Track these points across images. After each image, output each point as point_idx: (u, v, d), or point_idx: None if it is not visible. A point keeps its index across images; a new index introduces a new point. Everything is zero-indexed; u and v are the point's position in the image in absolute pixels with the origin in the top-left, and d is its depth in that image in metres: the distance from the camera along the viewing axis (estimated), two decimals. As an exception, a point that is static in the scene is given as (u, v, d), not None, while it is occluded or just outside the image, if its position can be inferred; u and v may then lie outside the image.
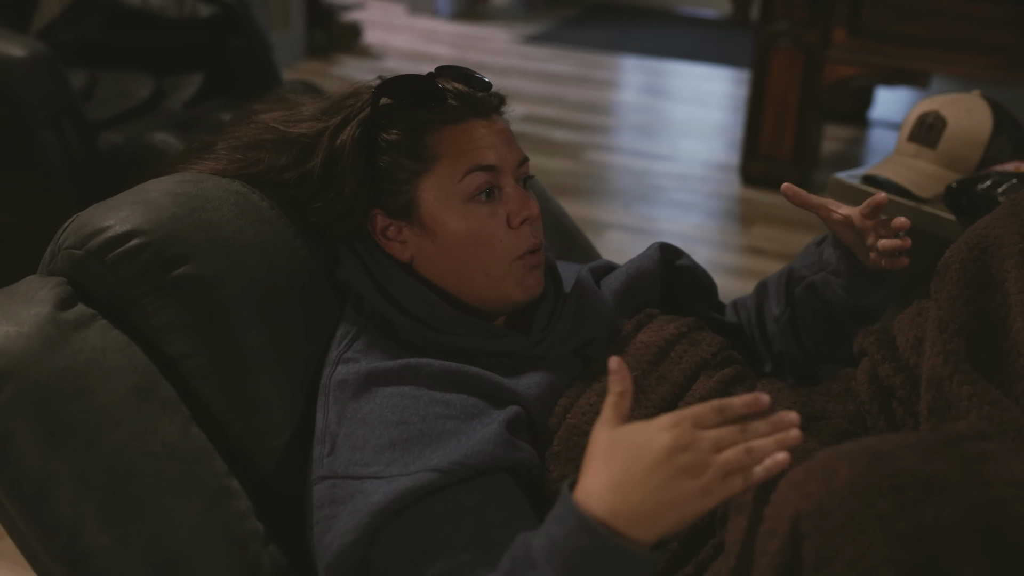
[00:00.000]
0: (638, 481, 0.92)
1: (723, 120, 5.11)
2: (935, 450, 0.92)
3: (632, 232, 3.82)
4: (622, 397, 0.98)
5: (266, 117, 1.36)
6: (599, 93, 5.52)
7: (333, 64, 5.68)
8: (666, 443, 0.93)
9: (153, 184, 1.28)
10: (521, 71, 5.79)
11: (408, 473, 1.10)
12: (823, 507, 0.90)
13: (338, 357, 1.24)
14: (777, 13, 4.04)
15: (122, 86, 3.03)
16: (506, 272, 1.27)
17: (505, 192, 1.28)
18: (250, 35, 3.03)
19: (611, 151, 4.66)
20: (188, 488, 1.11)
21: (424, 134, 1.26)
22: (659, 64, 6.16)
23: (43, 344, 1.11)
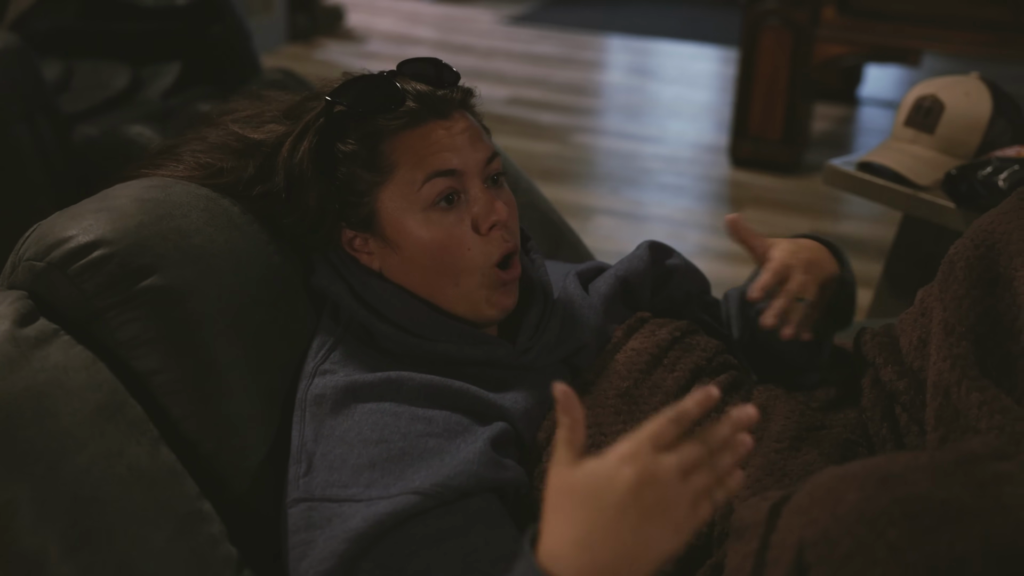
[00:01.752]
0: (605, 532, 0.84)
1: (712, 100, 5.04)
2: (948, 472, 0.86)
3: (621, 217, 3.76)
4: (573, 430, 0.87)
5: (230, 118, 1.30)
6: (585, 74, 5.45)
7: (316, 48, 5.60)
8: (629, 480, 0.83)
9: (119, 190, 1.22)
10: (505, 53, 5.71)
11: (388, 496, 1.05)
12: (829, 535, 0.84)
13: (315, 369, 1.18)
14: (766, -8, 3.98)
15: (99, 76, 2.95)
16: (478, 283, 1.21)
17: (471, 195, 1.21)
18: (228, 23, 2.96)
19: (598, 134, 4.60)
20: (156, 514, 1.05)
21: (380, 142, 1.20)
22: (646, 44, 6.09)
23: (1, 364, 1.04)
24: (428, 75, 1.25)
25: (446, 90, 1.23)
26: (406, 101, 1.20)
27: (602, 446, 1.17)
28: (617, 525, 0.83)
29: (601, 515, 0.84)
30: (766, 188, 4.00)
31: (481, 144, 1.23)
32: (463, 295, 1.21)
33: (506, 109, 4.80)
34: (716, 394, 0.86)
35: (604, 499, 0.84)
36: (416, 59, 1.26)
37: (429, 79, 1.24)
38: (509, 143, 4.36)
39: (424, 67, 1.25)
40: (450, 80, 1.25)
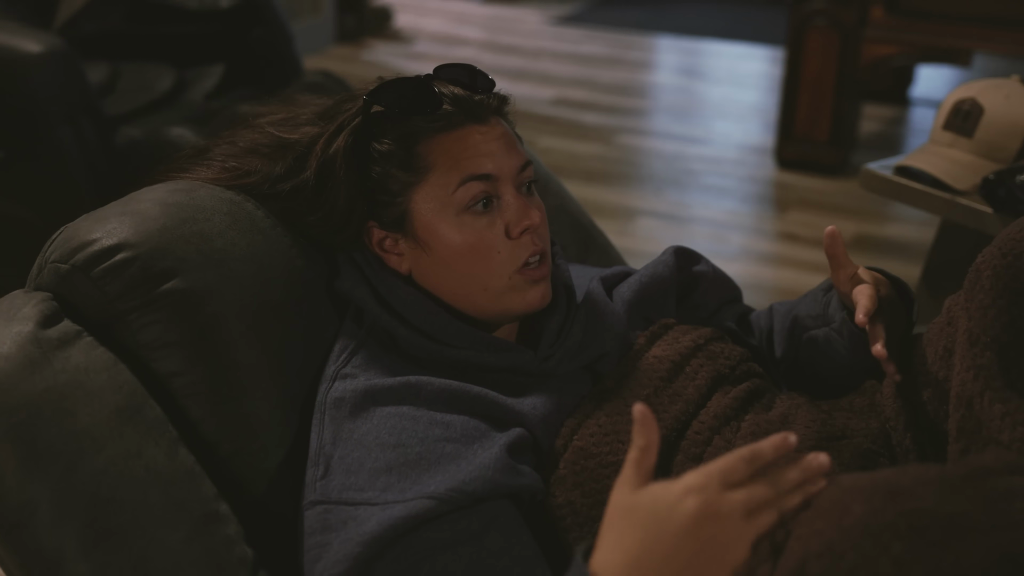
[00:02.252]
0: (659, 560, 0.86)
1: (759, 101, 5.01)
2: (957, 487, 0.85)
3: (663, 218, 3.75)
4: (645, 453, 0.89)
5: (265, 121, 1.31)
6: (632, 75, 5.44)
7: (363, 49, 5.63)
8: (691, 512, 0.86)
9: (144, 193, 1.24)
10: (552, 53, 5.71)
11: (404, 500, 1.05)
12: (834, 547, 0.84)
13: (335, 373, 1.19)
14: (812, -8, 3.94)
15: (144, 78, 2.99)
16: (506, 286, 1.21)
17: (504, 201, 1.21)
18: (270, 25, 2.99)
19: (643, 134, 4.58)
20: (172, 514, 1.06)
21: (416, 143, 1.20)
22: (694, 44, 6.06)
23: (23, 365, 1.06)
24: (464, 80, 1.25)
25: (483, 95, 1.23)
26: (443, 104, 1.21)
27: (620, 454, 1.17)
28: (672, 554, 0.85)
29: (658, 542, 0.86)
30: (812, 190, 3.97)
31: (515, 151, 1.24)
32: (493, 297, 1.22)
33: (551, 110, 4.80)
34: (793, 441, 0.87)
35: (663, 526, 0.86)
36: (452, 64, 1.27)
37: (465, 84, 1.24)
38: (553, 144, 4.36)
39: (460, 73, 1.26)
40: (485, 86, 1.25)
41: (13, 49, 2.42)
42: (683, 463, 1.18)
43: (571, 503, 1.15)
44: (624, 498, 0.90)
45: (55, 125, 2.43)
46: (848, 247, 3.61)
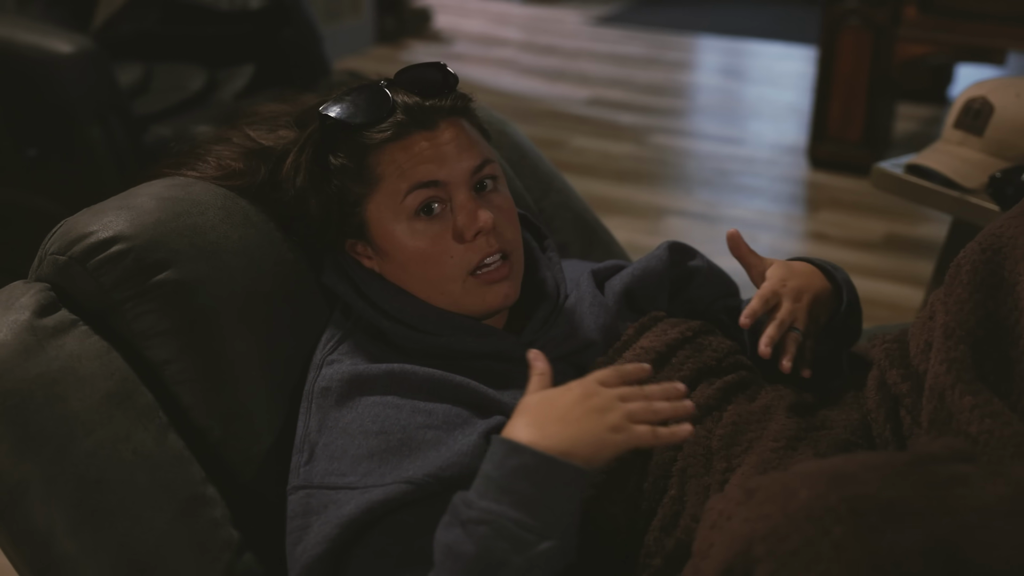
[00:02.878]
0: (553, 420, 1.03)
1: (795, 101, 5.00)
2: (901, 472, 0.87)
3: (692, 218, 3.76)
4: (543, 377, 1.09)
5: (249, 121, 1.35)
6: (669, 75, 5.44)
7: (402, 50, 5.68)
8: (576, 391, 1.05)
9: (142, 188, 1.28)
10: (590, 53, 5.73)
11: (382, 484, 1.09)
12: (778, 530, 0.86)
13: (322, 360, 1.23)
14: (845, -9, 3.94)
15: (176, 78, 3.06)
16: (462, 289, 1.24)
17: (456, 204, 1.23)
18: (299, 26, 3.04)
19: (677, 134, 4.59)
20: (158, 496, 1.10)
21: (367, 155, 1.23)
22: (733, 43, 6.06)
23: (18, 351, 1.11)
24: (425, 81, 1.26)
25: (435, 99, 1.25)
26: (395, 113, 1.23)
27: None
28: (564, 416, 1.03)
29: (550, 409, 1.04)
30: (844, 190, 3.96)
31: (469, 153, 1.24)
32: (450, 299, 1.25)
33: (586, 110, 4.82)
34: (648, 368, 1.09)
35: (555, 402, 1.05)
36: (415, 65, 1.28)
37: (424, 87, 1.25)
38: (586, 143, 4.39)
39: (423, 73, 1.27)
40: (448, 86, 1.27)
41: (46, 49, 2.49)
42: (662, 452, 1.20)
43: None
44: (525, 398, 1.08)
45: (85, 123, 2.49)
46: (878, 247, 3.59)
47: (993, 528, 0.84)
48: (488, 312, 1.26)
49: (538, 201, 1.71)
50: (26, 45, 2.49)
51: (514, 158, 1.71)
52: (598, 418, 1.03)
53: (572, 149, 4.34)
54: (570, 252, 1.73)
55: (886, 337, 1.34)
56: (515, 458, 1.00)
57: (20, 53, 2.48)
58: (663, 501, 1.17)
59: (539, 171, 1.74)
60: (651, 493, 1.18)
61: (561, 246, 1.73)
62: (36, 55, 2.48)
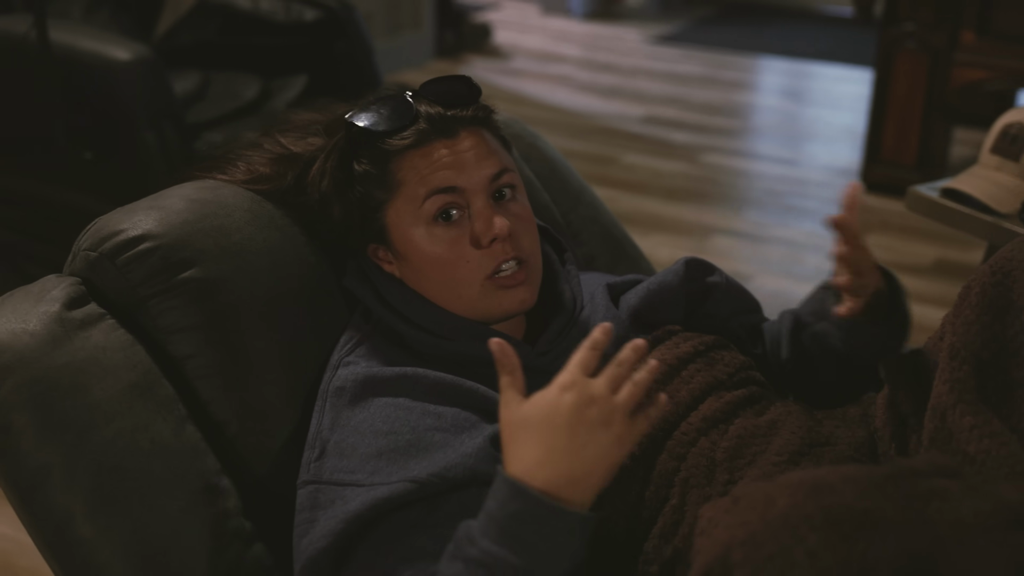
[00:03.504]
0: (561, 449, 1.00)
1: (851, 123, 4.98)
2: (879, 484, 0.89)
3: (739, 237, 3.76)
4: (514, 376, 1.05)
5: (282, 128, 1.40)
6: (725, 94, 5.45)
7: (461, 64, 5.74)
8: (571, 403, 1.01)
9: (174, 190, 1.34)
10: (647, 72, 5.75)
11: (387, 482, 1.12)
12: (756, 537, 0.88)
13: (339, 361, 1.27)
14: (902, 14, 3.92)
15: (232, 87, 3.13)
16: (479, 293, 1.27)
17: (473, 211, 1.27)
18: (353, 39, 3.10)
19: (730, 154, 4.60)
20: (172, 485, 1.15)
21: (388, 161, 1.27)
22: (791, 64, 6.05)
23: (46, 341, 1.16)
24: (449, 93, 1.30)
25: (457, 109, 1.29)
26: (417, 122, 1.27)
27: None
28: (569, 441, 1.00)
29: (554, 435, 1.01)
30: (895, 213, 3.94)
31: (488, 161, 1.28)
32: (468, 304, 1.28)
33: (640, 127, 4.84)
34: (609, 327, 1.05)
35: (554, 422, 1.01)
36: (441, 78, 1.33)
37: (448, 98, 1.30)
38: (638, 161, 4.41)
39: (447, 85, 1.31)
40: (470, 98, 1.31)
41: (104, 56, 2.56)
42: (666, 462, 1.23)
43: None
44: (513, 414, 1.04)
45: (139, 128, 2.56)
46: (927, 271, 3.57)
47: (967, 543, 0.86)
48: (504, 316, 1.29)
49: (566, 214, 1.74)
50: (86, 52, 2.57)
51: (543, 171, 1.75)
52: (602, 434, 1.00)
53: (623, 166, 4.37)
54: (596, 265, 1.76)
55: (901, 354, 1.35)
56: (519, 502, 1.00)
57: (80, 59, 2.56)
58: (664, 510, 1.20)
59: (568, 184, 1.78)
60: (652, 502, 1.20)
61: (588, 259, 1.76)
62: (95, 61, 2.56)
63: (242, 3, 3.25)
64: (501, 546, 1.00)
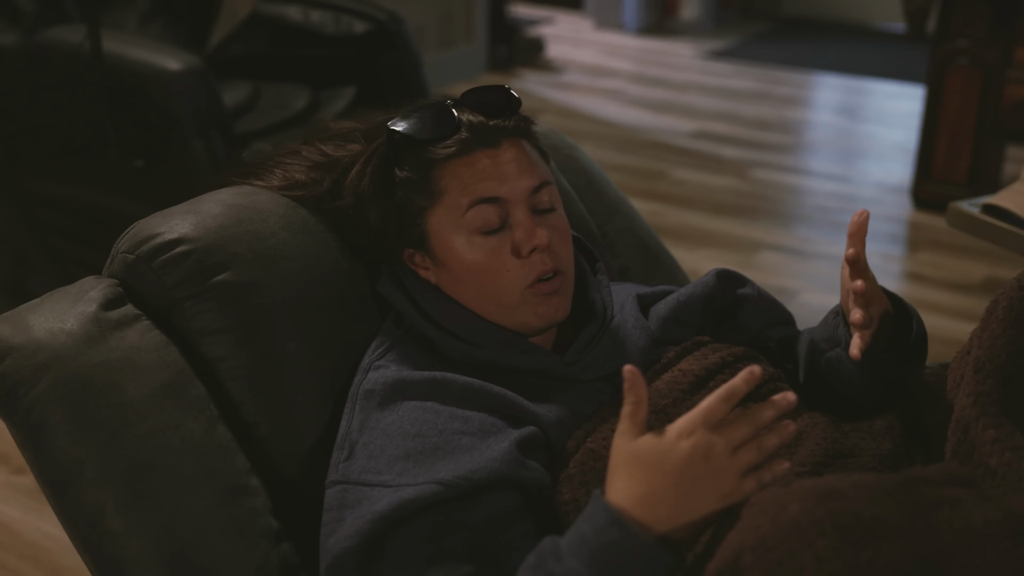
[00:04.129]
0: (664, 494, 1.00)
1: (903, 140, 4.95)
2: (889, 491, 0.90)
3: (786, 253, 3.75)
4: (637, 407, 1.04)
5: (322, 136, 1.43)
6: (777, 110, 5.43)
7: (514, 78, 5.78)
8: (684, 452, 1.00)
9: (211, 195, 1.37)
10: (699, 87, 5.75)
11: (415, 483, 1.14)
12: (766, 542, 0.89)
13: (369, 364, 1.29)
14: (954, 30, 3.90)
15: (281, 98, 3.18)
16: (518, 301, 1.28)
17: (514, 221, 1.28)
18: (401, 51, 3.13)
19: (780, 170, 4.59)
20: (202, 483, 1.18)
21: (431, 169, 1.29)
22: (846, 81, 6.02)
23: (82, 340, 1.20)
24: (490, 103, 1.33)
25: (499, 120, 1.31)
26: (459, 131, 1.29)
27: None
28: (674, 488, 1.00)
29: (661, 479, 1.01)
30: (945, 231, 3.91)
31: (529, 173, 1.30)
32: (505, 311, 1.30)
33: (690, 142, 4.84)
34: (759, 372, 0.99)
35: (664, 467, 1.01)
36: (482, 87, 1.35)
37: (489, 108, 1.32)
38: (687, 176, 4.41)
39: (488, 95, 1.34)
40: (511, 108, 1.33)
41: (156, 66, 2.62)
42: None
43: (576, 500, 1.21)
44: (626, 446, 1.04)
45: (189, 138, 2.61)
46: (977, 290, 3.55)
47: (975, 551, 0.86)
48: (541, 326, 1.31)
49: (602, 225, 1.75)
50: (138, 61, 2.62)
51: (580, 182, 1.76)
52: (711, 487, 1.00)
53: (672, 180, 4.37)
54: (631, 277, 1.77)
55: (927, 371, 1.35)
56: (616, 532, 1.01)
57: (132, 69, 2.62)
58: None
59: (605, 196, 1.79)
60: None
61: (623, 270, 1.77)
62: (146, 71, 2.61)
63: (293, 15, 3.30)
64: (590, 569, 1.01)
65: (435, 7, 5.36)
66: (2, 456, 2.55)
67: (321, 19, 3.20)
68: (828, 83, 6.04)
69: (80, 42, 2.59)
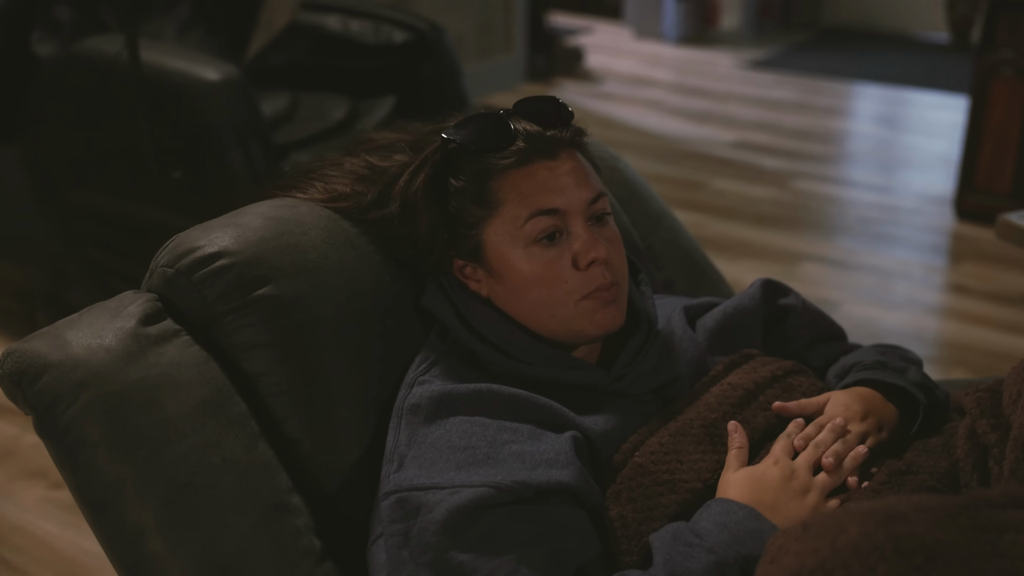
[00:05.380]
0: (765, 505, 1.15)
1: (946, 151, 4.89)
2: (952, 515, 0.86)
3: (828, 264, 3.70)
4: (741, 451, 1.22)
5: (367, 147, 1.40)
6: (818, 120, 5.38)
7: (552, 88, 5.76)
8: (778, 473, 1.19)
9: (251, 208, 1.34)
10: (739, 97, 5.70)
11: (471, 485, 1.11)
12: (825, 565, 0.86)
13: (414, 379, 1.26)
14: (999, 40, 3.85)
15: (320, 108, 3.16)
16: (574, 312, 1.26)
17: (572, 233, 1.26)
18: (440, 61, 3.11)
19: (821, 180, 4.54)
20: (243, 502, 1.15)
21: (488, 179, 1.27)
22: (887, 91, 5.95)
23: (121, 356, 1.17)
24: (543, 113, 1.30)
25: (555, 130, 1.29)
26: (516, 141, 1.27)
27: (676, 473, 1.20)
28: (774, 500, 1.16)
29: (763, 493, 1.17)
30: (989, 243, 3.85)
31: (586, 185, 1.28)
32: (561, 323, 1.27)
33: (730, 152, 4.80)
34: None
35: (763, 484, 1.18)
36: (533, 98, 1.33)
37: (543, 118, 1.30)
38: (727, 186, 4.37)
39: (540, 106, 1.31)
40: (564, 119, 1.31)
41: (194, 76, 2.61)
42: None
43: (623, 517, 1.18)
44: (730, 474, 1.20)
45: (227, 148, 2.60)
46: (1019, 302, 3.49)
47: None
48: (597, 334, 1.28)
49: (646, 237, 1.73)
50: (176, 71, 2.62)
51: (624, 194, 1.73)
52: (800, 503, 1.17)
53: (713, 191, 4.33)
54: (675, 289, 1.74)
55: (980, 386, 1.32)
56: (756, 522, 1.13)
57: (170, 79, 2.61)
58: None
59: (649, 208, 1.76)
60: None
61: (667, 283, 1.74)
62: (184, 81, 2.61)
63: (333, 24, 3.29)
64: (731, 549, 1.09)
65: (475, 16, 5.35)
66: (40, 471, 2.54)
67: (361, 28, 3.18)
68: (869, 93, 5.98)
69: (118, 52, 2.59)
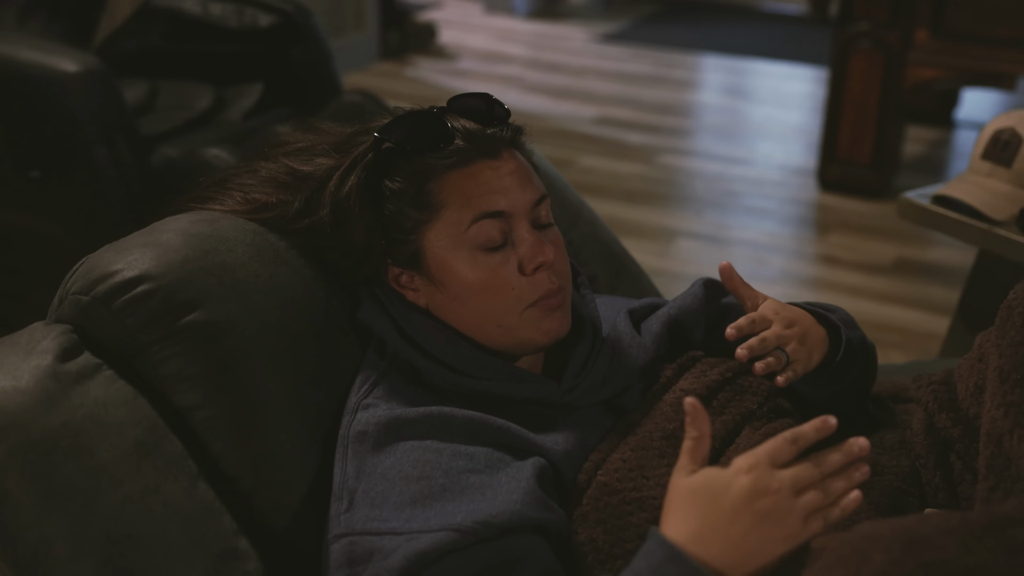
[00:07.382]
0: (719, 531, 0.94)
1: (802, 122, 4.97)
2: (977, 536, 0.83)
3: (703, 240, 3.72)
4: (698, 442, 0.98)
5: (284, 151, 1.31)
6: (676, 94, 5.41)
7: (407, 65, 5.65)
8: (745, 488, 0.94)
9: (167, 224, 1.23)
10: (596, 71, 5.69)
11: (429, 530, 1.04)
12: (853, 598, 0.81)
13: (357, 404, 1.18)
14: (857, 13, 3.91)
15: (182, 97, 3.01)
16: (519, 321, 1.20)
17: (517, 236, 1.20)
18: (310, 44, 2.99)
19: (685, 155, 4.56)
20: (189, 551, 1.05)
21: (427, 180, 1.19)
22: (739, 63, 6.03)
23: (40, 399, 1.06)
24: (479, 111, 1.23)
25: (495, 128, 1.22)
26: (455, 140, 1.19)
27: (643, 490, 1.15)
28: (730, 526, 0.93)
29: (717, 515, 0.94)
30: (854, 213, 3.93)
31: (530, 185, 1.21)
32: (506, 332, 1.20)
33: (594, 128, 4.78)
34: (833, 423, 0.95)
35: (721, 501, 0.94)
36: (467, 94, 1.25)
37: (479, 116, 1.23)
38: (595, 163, 4.35)
39: (475, 103, 1.24)
40: (501, 117, 1.24)
41: (50, 68, 2.44)
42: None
43: (593, 540, 1.13)
44: (682, 482, 0.97)
45: (91, 144, 2.44)
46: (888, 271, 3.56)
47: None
48: (545, 343, 1.22)
49: (566, 232, 1.67)
50: (29, 63, 2.44)
51: (542, 189, 1.67)
52: (770, 530, 0.93)
53: (581, 168, 4.30)
54: (598, 284, 1.69)
55: (932, 378, 1.30)
56: (673, 568, 0.94)
57: (23, 72, 2.43)
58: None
59: (567, 201, 1.70)
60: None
61: (589, 278, 1.68)
62: (40, 73, 2.43)
63: (190, 8, 3.13)
64: None
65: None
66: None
67: (222, 12, 3.03)
68: (719, 65, 6.05)
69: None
